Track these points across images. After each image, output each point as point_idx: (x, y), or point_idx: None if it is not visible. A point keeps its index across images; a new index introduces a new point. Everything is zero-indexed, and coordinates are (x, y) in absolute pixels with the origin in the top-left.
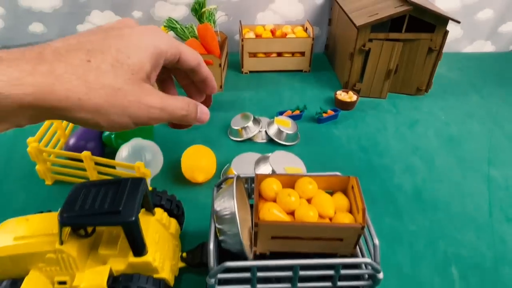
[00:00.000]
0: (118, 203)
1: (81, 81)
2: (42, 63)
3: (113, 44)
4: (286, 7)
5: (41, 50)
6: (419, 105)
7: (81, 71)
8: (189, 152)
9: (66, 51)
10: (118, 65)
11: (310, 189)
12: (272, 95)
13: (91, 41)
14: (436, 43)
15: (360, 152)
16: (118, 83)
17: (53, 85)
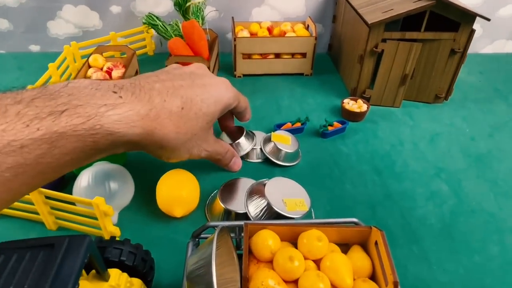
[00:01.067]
0: (44, 279)
1: (174, 127)
2: (152, 110)
3: (199, 93)
4: (285, 2)
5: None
6: (439, 115)
7: (176, 118)
8: (165, 180)
9: (167, 96)
10: (200, 114)
11: (319, 246)
12: (268, 104)
13: (182, 86)
14: (460, 44)
15: (374, 175)
16: (196, 130)
17: (155, 128)
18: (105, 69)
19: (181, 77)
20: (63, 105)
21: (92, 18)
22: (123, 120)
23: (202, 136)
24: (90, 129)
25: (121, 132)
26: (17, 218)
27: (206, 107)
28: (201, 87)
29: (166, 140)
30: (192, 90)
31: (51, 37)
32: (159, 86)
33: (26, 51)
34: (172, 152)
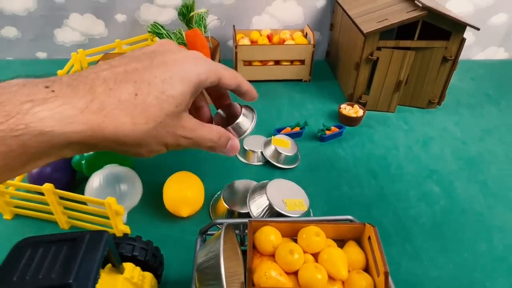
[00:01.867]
0: (68, 270)
1: (129, 118)
2: (94, 100)
3: (159, 74)
4: (284, 10)
5: (92, 84)
6: (432, 120)
7: (129, 106)
8: (172, 182)
9: (114, 83)
10: (163, 97)
11: (317, 241)
12: (269, 109)
13: (137, 70)
14: (451, 52)
15: (370, 177)
16: (161, 116)
17: (103, 122)
18: None
19: (138, 58)
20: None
21: (98, 26)
22: (55, 117)
23: (172, 122)
24: (11, 130)
25: (55, 131)
26: (31, 217)
27: (170, 88)
28: (161, 66)
29: (121, 134)
30: (149, 71)
31: (57, 44)
32: (106, 74)
33: (33, 58)
34: (138, 147)
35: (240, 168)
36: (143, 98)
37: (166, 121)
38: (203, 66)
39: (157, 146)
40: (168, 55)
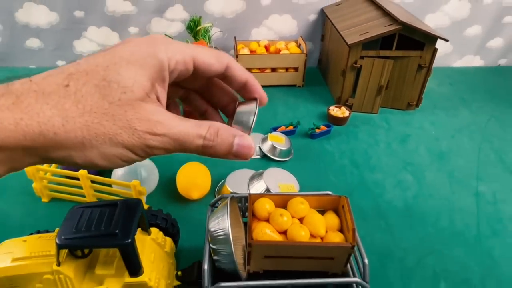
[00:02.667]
0: (115, 225)
1: (56, 111)
2: (6, 95)
3: (100, 62)
4: (280, 23)
5: (12, 82)
6: (410, 120)
7: (56, 98)
8: (184, 170)
9: (41, 78)
10: (104, 84)
11: (302, 208)
12: (266, 111)
13: (77, 63)
14: (425, 60)
15: (352, 167)
16: (103, 106)
17: (21, 119)
18: None
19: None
20: None
21: (112, 37)
22: None
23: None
24: None
25: None
26: (65, 200)
27: (114, 73)
28: (106, 55)
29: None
30: (91, 61)
31: (76, 54)
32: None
33: (54, 66)
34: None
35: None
36: (77, 88)
37: (112, 112)
38: (162, 46)
39: (112, 148)
40: (119, 45)
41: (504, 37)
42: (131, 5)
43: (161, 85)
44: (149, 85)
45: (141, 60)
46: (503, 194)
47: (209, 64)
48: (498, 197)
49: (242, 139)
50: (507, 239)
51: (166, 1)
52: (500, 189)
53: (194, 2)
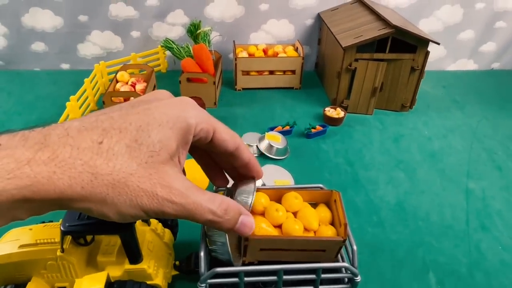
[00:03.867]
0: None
1: (87, 167)
2: (44, 149)
3: (134, 120)
4: (277, 27)
5: (49, 132)
6: (404, 121)
7: (89, 154)
8: None
9: (77, 132)
10: (135, 146)
11: (296, 203)
12: (264, 112)
13: (112, 118)
14: (418, 63)
15: (346, 165)
16: (131, 167)
17: (54, 173)
18: (130, 83)
19: (120, 107)
20: None
21: (115, 41)
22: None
23: (149, 177)
24: None
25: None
26: None
27: (145, 135)
28: (140, 112)
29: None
30: (124, 118)
31: (79, 57)
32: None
33: (58, 68)
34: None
35: None
36: (109, 146)
37: (138, 174)
38: (192, 111)
39: (129, 208)
40: (153, 102)
41: (497, 41)
42: (134, 9)
43: (184, 147)
44: (175, 148)
45: (171, 123)
46: (492, 191)
47: (224, 140)
48: (487, 194)
49: (246, 218)
50: (495, 233)
51: (167, 6)
52: (490, 187)
53: (195, 7)
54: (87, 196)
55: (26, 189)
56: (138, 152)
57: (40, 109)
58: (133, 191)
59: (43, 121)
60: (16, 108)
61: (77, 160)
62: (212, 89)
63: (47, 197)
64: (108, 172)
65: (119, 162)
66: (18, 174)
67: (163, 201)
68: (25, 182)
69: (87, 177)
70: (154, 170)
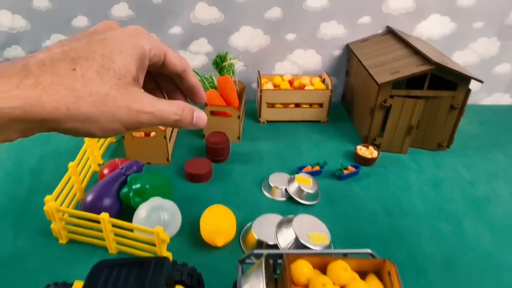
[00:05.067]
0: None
1: (69, 91)
2: (28, 76)
3: (97, 49)
4: (304, 58)
5: (25, 63)
6: (442, 162)
7: (68, 80)
8: (208, 214)
9: (50, 62)
10: (103, 70)
11: (344, 275)
12: (290, 148)
13: (75, 48)
14: (458, 101)
15: (384, 214)
16: (105, 89)
17: (41, 97)
18: None
19: (76, 38)
20: None
21: None
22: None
23: (121, 96)
24: None
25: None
26: (83, 243)
27: (111, 61)
28: (100, 42)
29: (65, 107)
30: (88, 48)
31: None
32: (42, 56)
33: None
34: (86, 122)
35: (266, 202)
36: (83, 72)
37: (113, 94)
38: (145, 38)
39: (111, 123)
40: (107, 32)
41: None
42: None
43: (142, 72)
44: (135, 72)
45: (130, 50)
46: None
47: (174, 63)
48: None
49: (199, 113)
50: None
51: (192, 34)
52: None
53: (219, 35)
54: (73, 116)
55: (19, 109)
56: (107, 77)
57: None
58: (112, 108)
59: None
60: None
61: (58, 85)
62: (236, 123)
63: (37, 117)
64: (87, 95)
65: (94, 85)
66: (10, 95)
67: (138, 113)
68: (18, 102)
69: (71, 99)
70: (124, 90)
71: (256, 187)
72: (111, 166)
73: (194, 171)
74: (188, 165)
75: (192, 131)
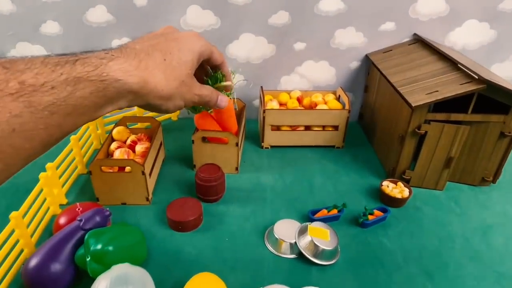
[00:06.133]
0: None
1: (163, 76)
2: (142, 61)
3: (174, 46)
4: (315, 71)
5: (135, 51)
6: (488, 201)
7: (163, 67)
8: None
9: (147, 52)
10: (182, 62)
11: None
12: (300, 182)
13: (158, 43)
14: (510, 127)
15: (425, 279)
16: (182, 76)
17: (149, 77)
18: (128, 142)
19: (155, 37)
20: (74, 57)
21: None
22: (122, 69)
23: (189, 82)
24: (100, 76)
25: (123, 80)
26: None
27: (184, 56)
28: (174, 40)
29: (160, 87)
30: (167, 44)
31: None
32: (140, 46)
33: None
34: (168, 100)
35: (270, 261)
36: (169, 62)
37: (186, 80)
38: (202, 41)
39: (180, 101)
40: (175, 34)
41: None
42: None
43: (196, 65)
44: (196, 65)
45: (194, 49)
46: None
47: (217, 59)
48: None
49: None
50: None
51: None
52: None
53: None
54: (163, 95)
55: (137, 85)
56: (184, 67)
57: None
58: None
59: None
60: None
61: (158, 71)
62: (234, 151)
63: (143, 92)
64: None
65: (177, 73)
66: (133, 74)
67: (194, 95)
68: (137, 80)
69: (164, 83)
70: (190, 78)
71: (257, 238)
72: (70, 213)
73: (179, 217)
74: (172, 208)
75: (180, 161)
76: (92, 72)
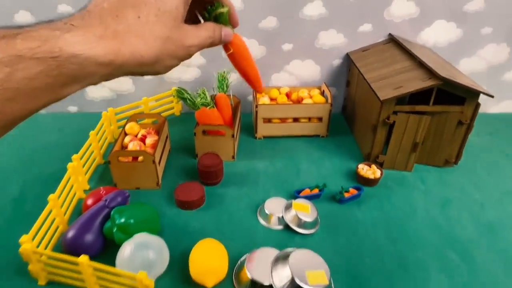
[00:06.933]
0: None
1: (139, 39)
2: (108, 29)
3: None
4: (302, 68)
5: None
6: (449, 180)
7: (137, 29)
8: (197, 252)
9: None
10: (160, 14)
11: None
12: (288, 166)
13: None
14: (466, 116)
15: (389, 243)
16: (166, 32)
17: (120, 49)
18: (139, 136)
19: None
20: (16, 30)
21: (125, 83)
22: (81, 42)
23: (177, 35)
24: (50, 52)
25: (84, 54)
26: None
27: (163, 4)
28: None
29: (138, 54)
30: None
31: (87, 99)
32: (107, 5)
33: (64, 111)
34: (154, 64)
35: (261, 231)
36: (146, 18)
37: (172, 36)
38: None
39: (171, 60)
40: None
41: None
42: None
43: (185, 10)
44: (183, 10)
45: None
46: None
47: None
48: None
49: (225, 30)
50: None
51: None
52: None
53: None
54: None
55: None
56: (165, 19)
57: (40, 164)
58: (172, 48)
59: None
60: (15, 162)
61: (132, 36)
62: (230, 142)
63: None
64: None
65: (157, 30)
66: (97, 45)
67: (189, 48)
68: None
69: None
70: (178, 30)
71: (251, 214)
72: (95, 195)
73: (185, 198)
74: (179, 191)
75: (184, 151)
76: (37, 48)
